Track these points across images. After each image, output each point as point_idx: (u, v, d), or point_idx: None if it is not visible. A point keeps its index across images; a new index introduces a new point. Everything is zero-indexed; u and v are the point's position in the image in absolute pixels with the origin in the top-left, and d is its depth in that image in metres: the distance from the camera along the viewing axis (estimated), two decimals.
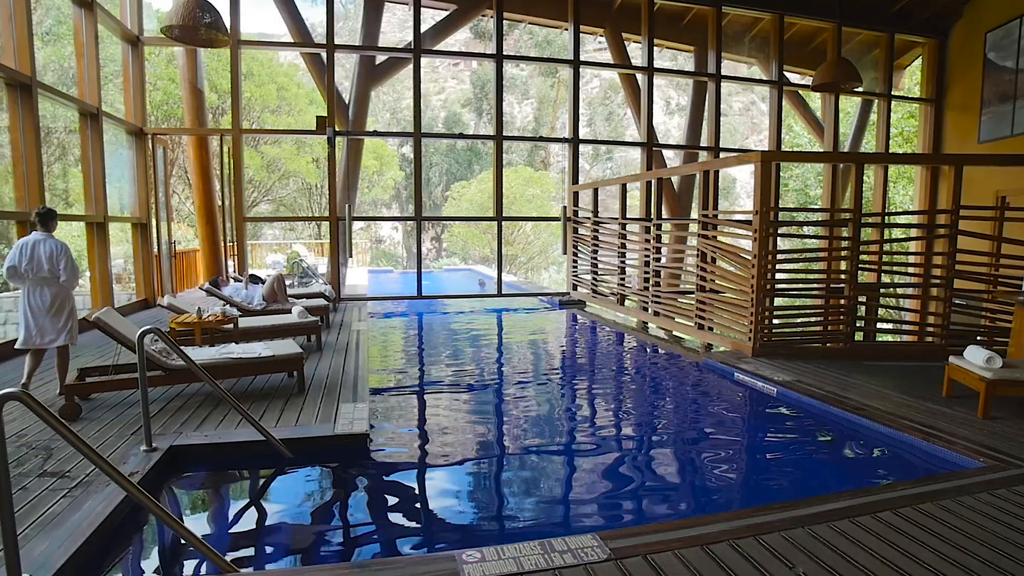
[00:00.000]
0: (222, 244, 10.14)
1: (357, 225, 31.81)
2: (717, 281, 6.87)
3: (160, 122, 15.61)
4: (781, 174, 18.14)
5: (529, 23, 13.68)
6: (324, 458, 3.86)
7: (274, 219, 18.86)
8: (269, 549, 3.00)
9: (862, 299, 6.63)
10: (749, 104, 37.83)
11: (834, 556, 2.48)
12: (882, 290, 6.93)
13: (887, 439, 4.16)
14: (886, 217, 9.50)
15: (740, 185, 35.78)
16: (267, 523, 3.26)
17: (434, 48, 11.19)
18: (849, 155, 11.18)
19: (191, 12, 6.54)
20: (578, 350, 7.95)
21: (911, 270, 6.72)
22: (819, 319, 6.41)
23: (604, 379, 6.44)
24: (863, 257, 6.18)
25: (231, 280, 8.21)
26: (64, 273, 4.71)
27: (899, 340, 7.93)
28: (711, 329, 6.89)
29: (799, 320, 6.50)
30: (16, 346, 4.76)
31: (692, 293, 7.26)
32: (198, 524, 3.25)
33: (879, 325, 7.64)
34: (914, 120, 14.38)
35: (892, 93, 12.00)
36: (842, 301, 6.18)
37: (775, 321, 6.43)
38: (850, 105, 14.52)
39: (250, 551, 2.97)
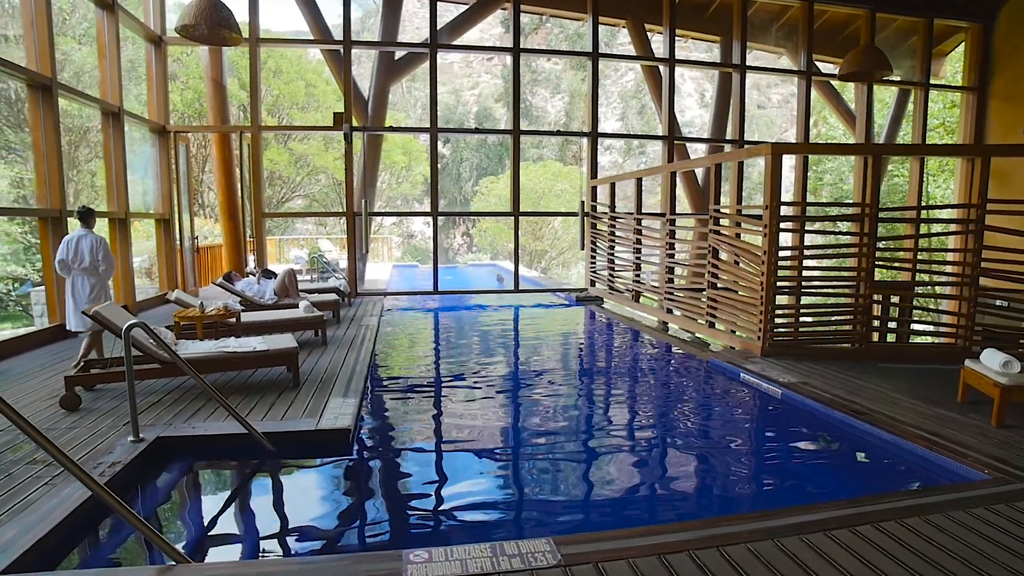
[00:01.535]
0: (243, 239, 10.37)
1: (389, 220, 32.20)
2: (726, 278, 6.66)
3: (191, 120, 16.08)
4: (815, 167, 17.54)
5: (550, 16, 13.52)
6: (305, 452, 3.89)
7: (291, 215, 19.25)
8: (237, 540, 3.03)
9: (894, 299, 6.34)
10: (788, 96, 36.66)
11: (796, 570, 2.35)
12: (900, 289, 6.59)
13: (890, 446, 3.95)
14: (904, 212, 9.02)
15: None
16: (240, 515, 3.30)
17: (452, 43, 11.17)
18: (864, 146, 10.68)
19: (203, 11, 6.68)
20: (584, 347, 7.83)
21: (935, 268, 6.38)
22: (832, 318, 6.15)
23: (604, 377, 6.32)
24: (887, 255, 5.89)
25: (249, 275, 8.38)
26: (103, 263, 5.36)
27: (932, 342, 7.54)
28: (733, 331, 6.66)
29: (811, 319, 6.24)
30: (70, 328, 5.44)
31: (703, 290, 7.06)
32: (175, 513, 3.31)
33: (913, 326, 7.26)
34: (957, 110, 13.66)
35: (930, 82, 11.41)
36: (853, 300, 5.90)
37: (785, 320, 6.20)
38: (888, 95, 13.90)
39: (218, 541, 3.01)
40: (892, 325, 6.57)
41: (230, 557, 2.87)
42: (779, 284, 5.89)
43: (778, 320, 6.07)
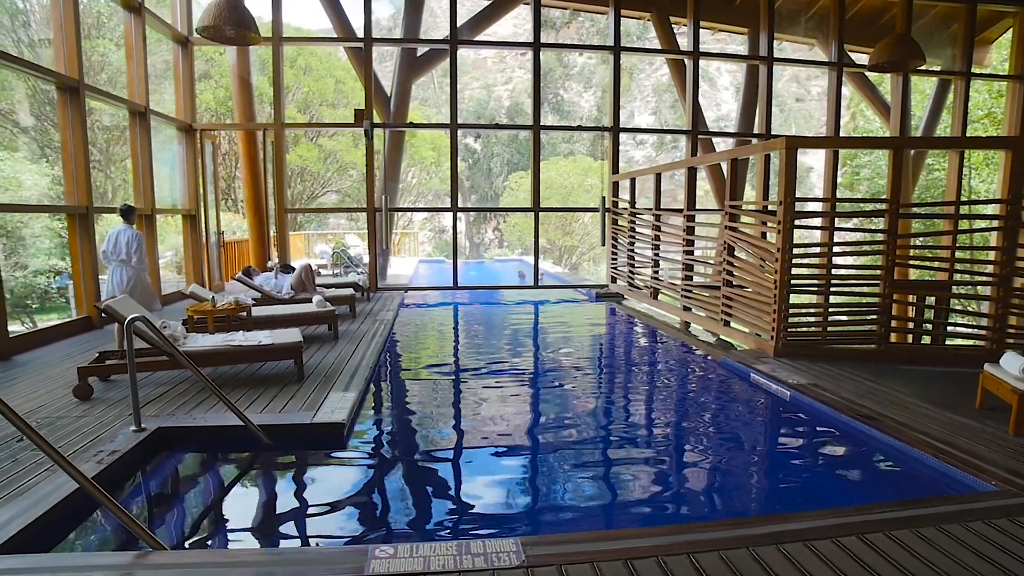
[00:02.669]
0: (268, 234, 10.63)
1: (420, 216, 32.54)
2: (739, 275, 6.49)
3: (225, 118, 16.51)
4: (849, 162, 16.94)
5: (573, 10, 13.39)
6: (300, 445, 3.96)
7: (312, 210, 19.65)
8: (220, 528, 3.10)
9: (928, 300, 6.07)
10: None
11: None
12: (925, 288, 6.30)
13: (895, 453, 3.79)
14: (938, 208, 8.58)
15: (817, 174, 33.71)
16: (227, 504, 3.38)
17: (473, 38, 11.17)
18: (886, 140, 10.23)
19: (221, 12, 6.83)
20: (595, 346, 7.73)
21: (968, 267, 6.08)
22: (850, 318, 5.93)
23: (609, 376, 6.23)
24: (926, 252, 5.64)
25: (270, 269, 8.57)
26: (134, 256, 5.95)
27: (959, 344, 7.21)
28: (759, 335, 6.47)
29: (828, 319, 6.02)
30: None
31: (718, 288, 6.90)
32: (168, 501, 3.42)
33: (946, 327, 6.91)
34: (1004, 99, 12.95)
35: (971, 71, 10.85)
36: (872, 299, 5.68)
37: (799, 319, 6.00)
38: (930, 86, 13.27)
39: (203, 528, 3.09)
40: (923, 327, 6.30)
41: (212, 544, 2.94)
42: (793, 282, 5.71)
43: (792, 320, 5.89)
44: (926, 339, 6.54)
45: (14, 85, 12.73)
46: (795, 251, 5.65)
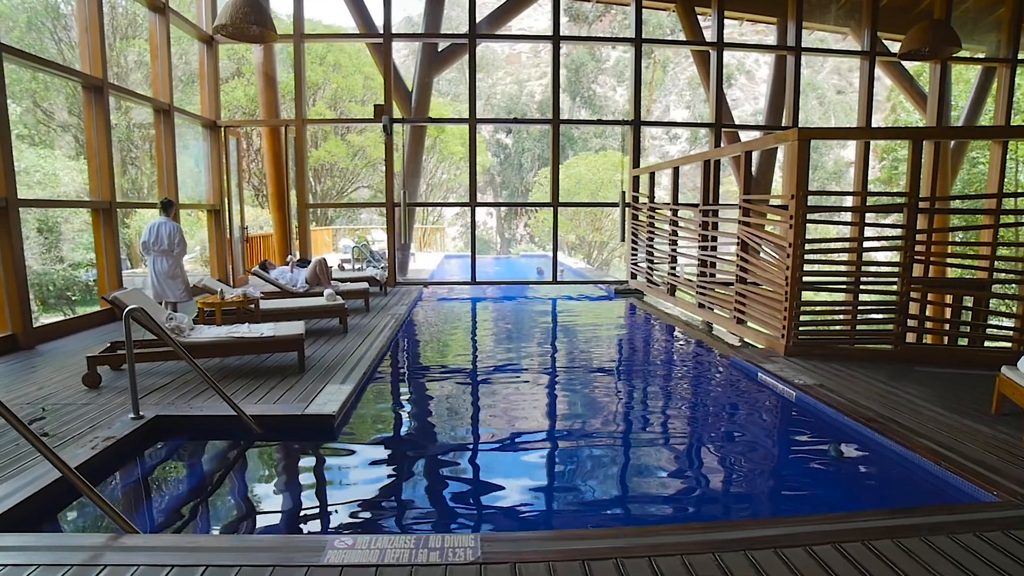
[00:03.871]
0: (290, 229, 10.84)
1: (450, 212, 32.77)
2: (751, 271, 6.30)
3: (255, 114, 16.91)
4: (886, 155, 16.26)
5: (594, 2, 13.18)
6: (290, 436, 4.02)
7: (332, 205, 19.98)
8: (198, 514, 3.18)
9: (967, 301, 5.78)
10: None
11: None
12: (946, 287, 6.00)
13: (897, 458, 3.62)
14: (945, 202, 8.10)
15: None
16: (210, 491, 3.46)
17: (493, 32, 11.14)
18: (906, 130, 9.73)
19: (238, 10, 6.97)
20: (603, 341, 7.61)
21: (1000, 264, 5.77)
22: (866, 317, 5.69)
23: (610, 373, 6.11)
24: (958, 249, 5.36)
25: (292, 263, 8.74)
26: (177, 247, 6.56)
27: (982, 346, 6.84)
28: (782, 336, 6.28)
29: (840, 317, 5.79)
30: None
31: (731, 284, 6.72)
32: (156, 486, 3.52)
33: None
34: None
35: (1018, 57, 10.25)
36: (888, 297, 5.43)
37: (811, 318, 5.79)
38: (974, 74, 12.61)
39: (184, 513, 3.16)
40: (945, 327, 6.00)
41: (192, 528, 3.02)
42: (806, 279, 5.51)
43: (805, 318, 5.68)
44: (963, 341, 6.22)
45: (58, 87, 13.31)
46: (807, 247, 5.45)
